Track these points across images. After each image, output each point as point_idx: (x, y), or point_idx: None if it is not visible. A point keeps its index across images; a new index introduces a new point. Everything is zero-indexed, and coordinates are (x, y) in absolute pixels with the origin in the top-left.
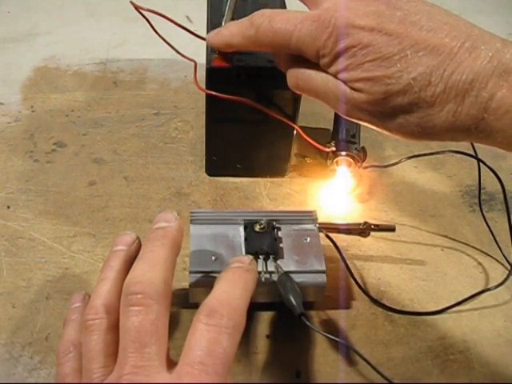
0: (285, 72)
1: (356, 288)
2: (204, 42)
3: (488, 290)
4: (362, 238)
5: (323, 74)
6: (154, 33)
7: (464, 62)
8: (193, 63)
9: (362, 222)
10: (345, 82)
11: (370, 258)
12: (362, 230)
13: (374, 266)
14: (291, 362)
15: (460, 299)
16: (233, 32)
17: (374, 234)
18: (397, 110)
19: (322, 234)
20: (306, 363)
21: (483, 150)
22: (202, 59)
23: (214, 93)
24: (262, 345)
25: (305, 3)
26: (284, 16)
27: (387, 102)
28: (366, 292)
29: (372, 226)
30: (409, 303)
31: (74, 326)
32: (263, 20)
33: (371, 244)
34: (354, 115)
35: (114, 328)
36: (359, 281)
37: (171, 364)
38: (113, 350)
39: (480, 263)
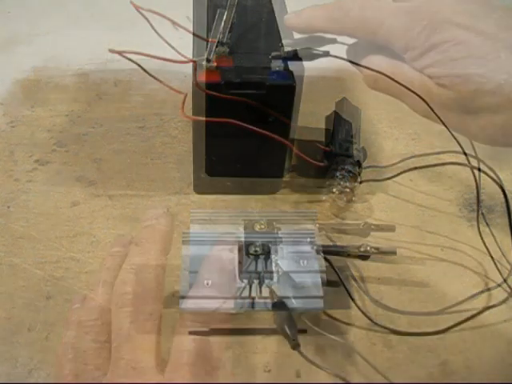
0: (357, 67)
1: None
2: (204, 42)
3: (488, 290)
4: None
5: (407, 69)
6: (153, 33)
7: None
8: (192, 63)
9: (361, 222)
10: (431, 78)
11: (370, 258)
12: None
13: (374, 265)
14: (292, 362)
15: (460, 299)
16: (316, 14)
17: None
18: (482, 110)
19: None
20: (305, 363)
21: (483, 149)
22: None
23: (214, 93)
24: (261, 345)
25: None
26: (376, 4)
27: (474, 100)
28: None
29: (372, 226)
30: (409, 303)
31: (73, 327)
32: (354, 5)
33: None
34: (436, 113)
35: (109, 329)
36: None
37: (164, 364)
38: (107, 352)
39: (480, 263)
